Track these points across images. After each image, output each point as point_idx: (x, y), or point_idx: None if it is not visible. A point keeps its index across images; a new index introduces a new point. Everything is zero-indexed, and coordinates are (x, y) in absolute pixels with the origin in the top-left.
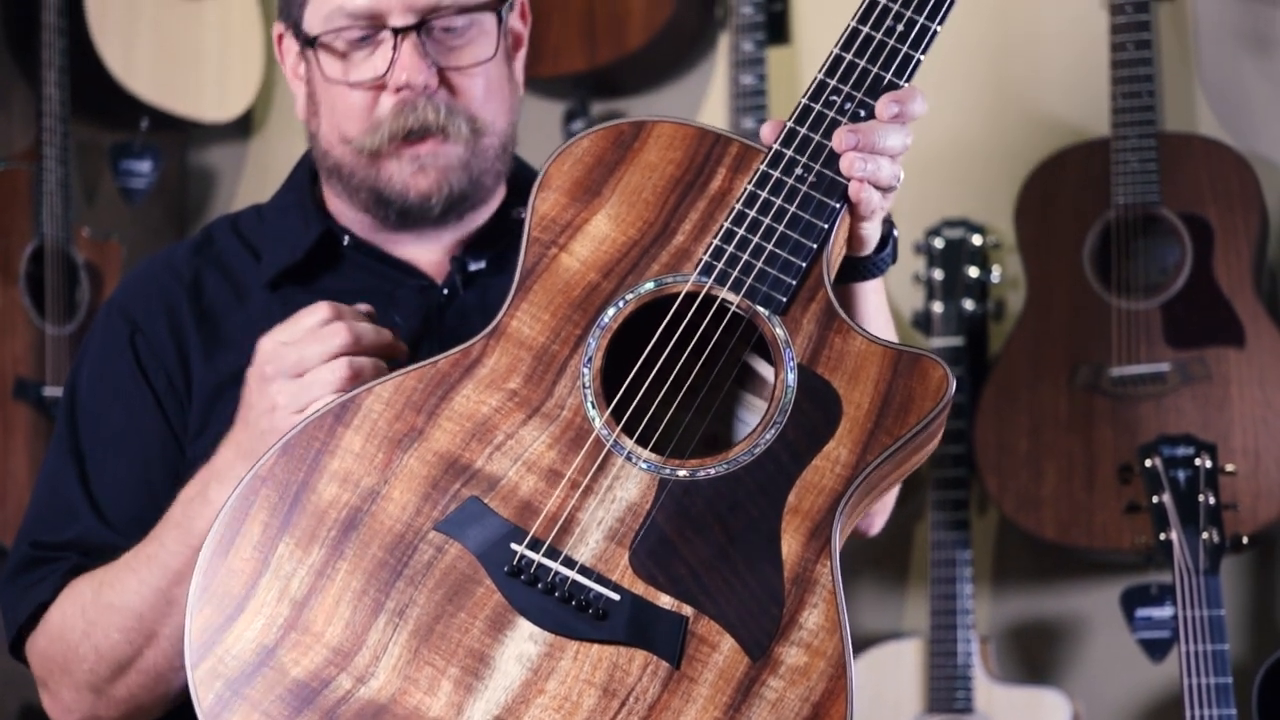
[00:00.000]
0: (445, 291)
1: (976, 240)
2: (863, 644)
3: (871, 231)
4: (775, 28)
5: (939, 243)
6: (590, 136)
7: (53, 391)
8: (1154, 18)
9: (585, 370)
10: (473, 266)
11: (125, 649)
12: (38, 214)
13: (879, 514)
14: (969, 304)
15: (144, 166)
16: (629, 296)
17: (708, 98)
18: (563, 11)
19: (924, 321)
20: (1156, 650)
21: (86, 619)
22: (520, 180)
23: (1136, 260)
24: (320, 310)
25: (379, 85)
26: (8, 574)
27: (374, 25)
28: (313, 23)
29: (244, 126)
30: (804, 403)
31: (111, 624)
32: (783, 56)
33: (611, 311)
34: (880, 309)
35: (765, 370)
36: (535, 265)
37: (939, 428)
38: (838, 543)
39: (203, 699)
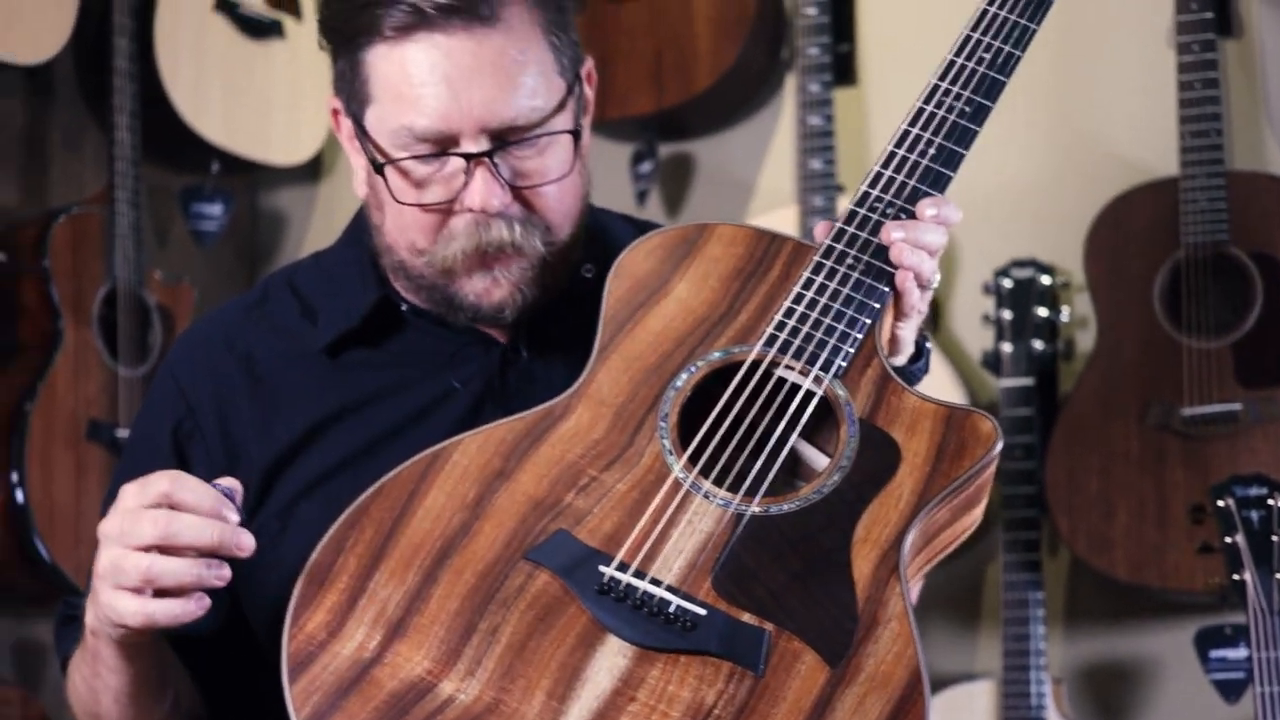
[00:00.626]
0: (508, 352)
1: (1046, 280)
2: (935, 686)
3: (908, 334)
4: (842, 69)
5: (1008, 283)
6: (660, 235)
7: (125, 433)
8: (1221, 56)
9: (662, 424)
10: (540, 331)
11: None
12: (110, 257)
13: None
14: (1038, 344)
15: (215, 209)
16: (700, 363)
17: (775, 138)
18: (630, 54)
19: (993, 362)
20: (1231, 691)
21: (72, 685)
22: (593, 232)
23: (1206, 299)
24: (151, 486)
25: (447, 205)
26: (56, 619)
27: (444, 146)
28: (376, 131)
29: (314, 169)
30: (867, 450)
31: (75, 702)
32: (850, 97)
33: (684, 376)
34: None
35: (816, 457)
36: (612, 339)
37: (988, 480)
38: (905, 569)
39: (299, 711)
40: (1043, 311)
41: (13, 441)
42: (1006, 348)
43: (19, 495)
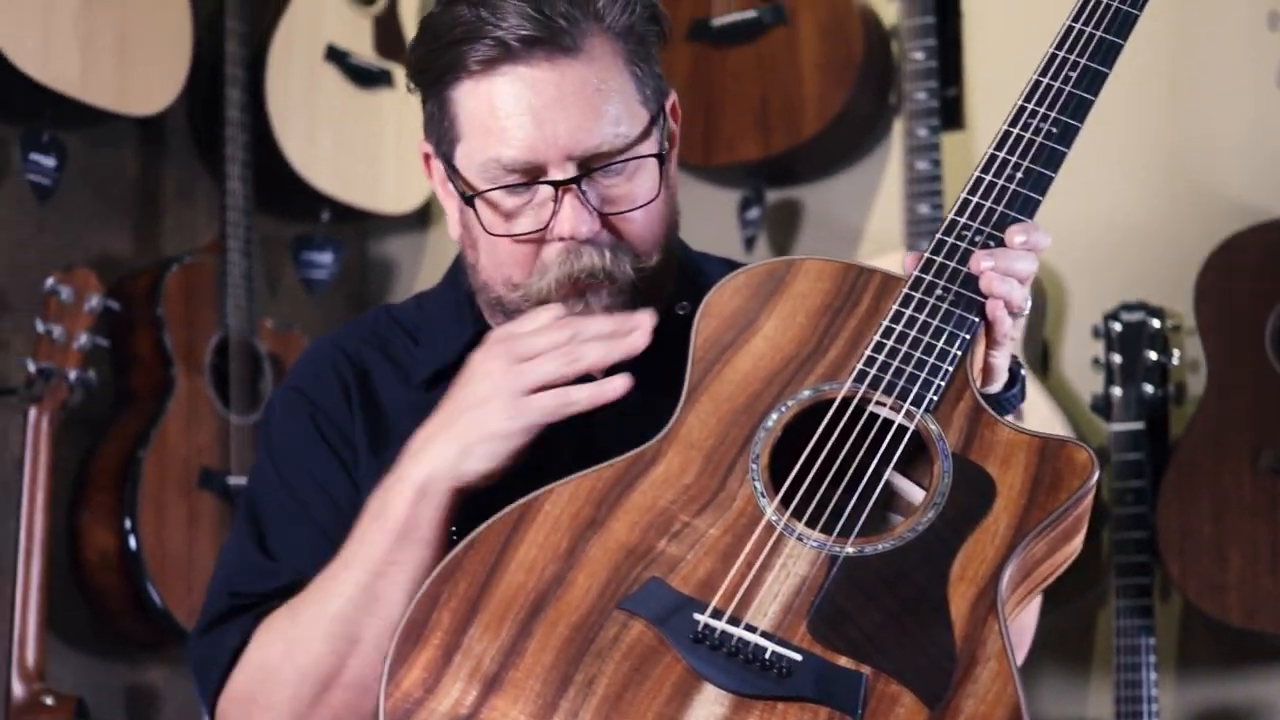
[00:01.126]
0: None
1: (1156, 323)
2: None
3: (1001, 361)
4: (949, 113)
5: (1118, 326)
6: (746, 273)
7: (237, 481)
8: None
9: (754, 465)
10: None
11: (329, 660)
12: (222, 305)
13: (1020, 645)
14: (1149, 388)
15: (325, 258)
16: (790, 402)
17: (882, 183)
18: (737, 100)
19: (1103, 406)
20: None
21: (286, 639)
22: (686, 270)
23: None
24: (549, 310)
25: (538, 234)
26: (201, 627)
27: (532, 176)
28: (465, 166)
29: (422, 217)
30: (961, 485)
31: (314, 635)
32: (957, 142)
33: (775, 416)
34: None
35: (911, 490)
36: (701, 380)
37: (1086, 510)
38: (1003, 606)
39: None
40: (1153, 355)
41: (126, 488)
42: (1116, 392)
43: (132, 542)
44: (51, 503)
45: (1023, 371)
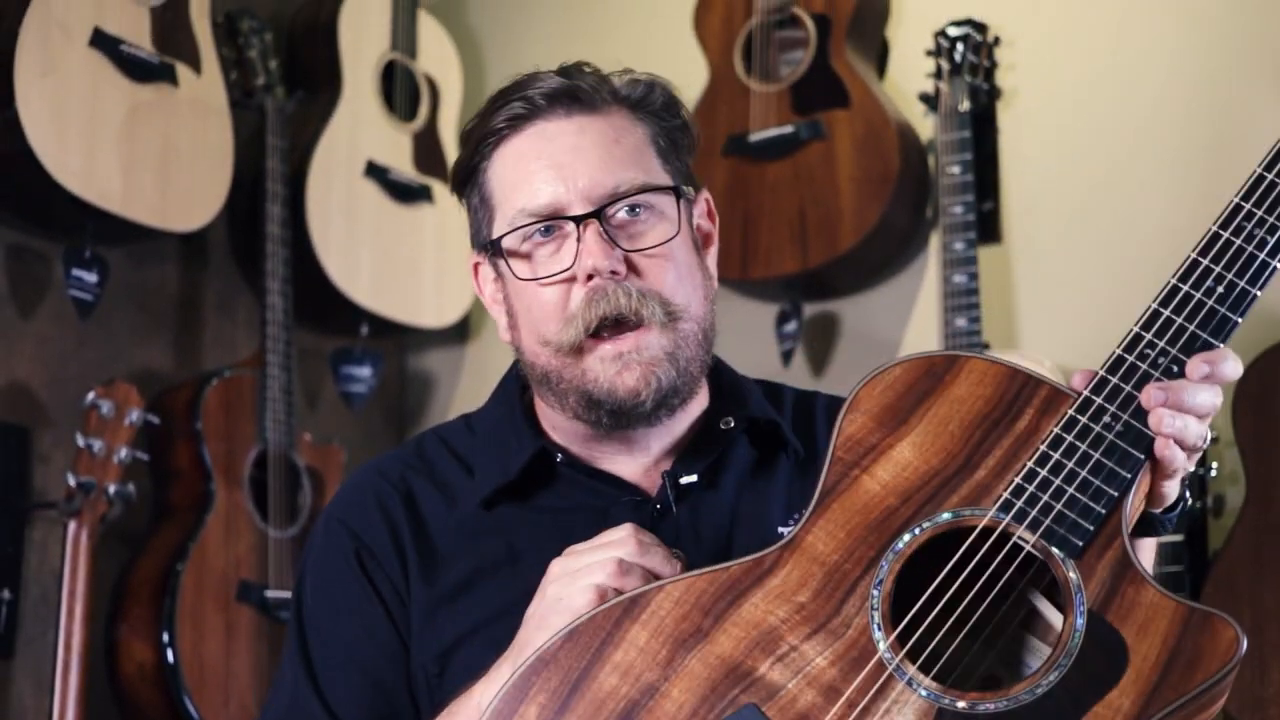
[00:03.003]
0: (658, 507)
1: None
2: None
3: (1171, 490)
4: (986, 227)
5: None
6: (903, 365)
7: (275, 594)
8: None
9: (875, 592)
10: (684, 480)
11: None
12: (261, 419)
13: None
14: (1188, 500)
15: (364, 372)
16: (925, 524)
17: (919, 297)
18: (774, 214)
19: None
20: None
21: None
22: (725, 385)
23: None
24: (620, 529)
25: (569, 279)
26: None
27: (554, 217)
28: (500, 231)
29: (461, 331)
30: (1090, 649)
31: None
32: (994, 255)
33: (907, 538)
34: (1149, 563)
35: (1052, 615)
36: (836, 484)
37: (1226, 688)
38: None
39: None
40: (1191, 468)
41: (164, 601)
42: None
43: (170, 655)
44: (90, 615)
45: (1188, 496)
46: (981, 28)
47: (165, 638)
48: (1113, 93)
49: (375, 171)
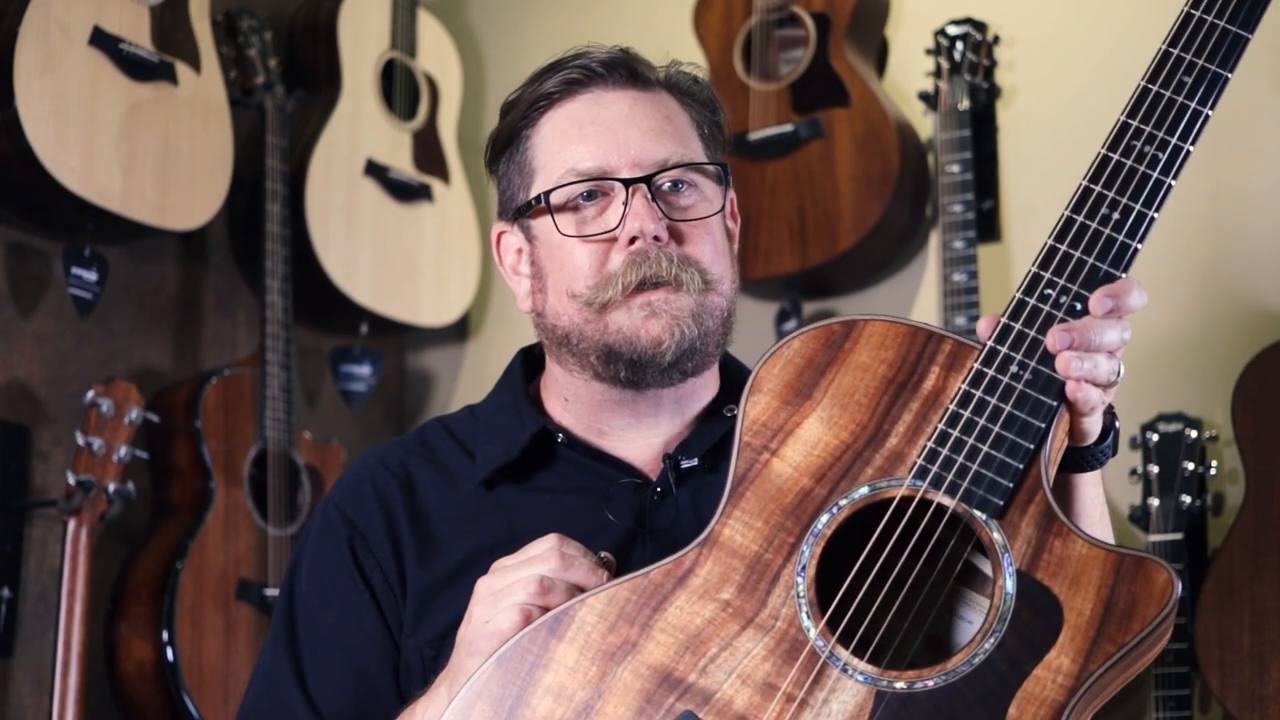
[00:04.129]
0: (659, 490)
1: (1193, 434)
2: None
3: (1092, 425)
4: (985, 225)
5: (1155, 437)
6: (801, 337)
7: (274, 592)
8: None
9: (799, 579)
10: (685, 464)
11: None
12: (261, 418)
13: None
14: (1187, 499)
15: (364, 370)
16: (843, 502)
17: (919, 295)
18: (774, 213)
19: (1141, 517)
20: None
21: None
22: (733, 376)
23: None
24: (543, 541)
25: (610, 239)
26: None
27: (604, 178)
28: (542, 188)
29: (461, 330)
30: (1023, 610)
31: None
32: (993, 254)
33: (825, 518)
34: (1097, 502)
35: (988, 568)
36: (747, 471)
37: (1165, 631)
38: None
39: None
40: (1191, 466)
41: (164, 600)
42: (1154, 503)
43: (169, 653)
44: (89, 614)
45: (1117, 424)
46: (981, 26)
47: (165, 636)
48: (1112, 91)
49: (375, 170)
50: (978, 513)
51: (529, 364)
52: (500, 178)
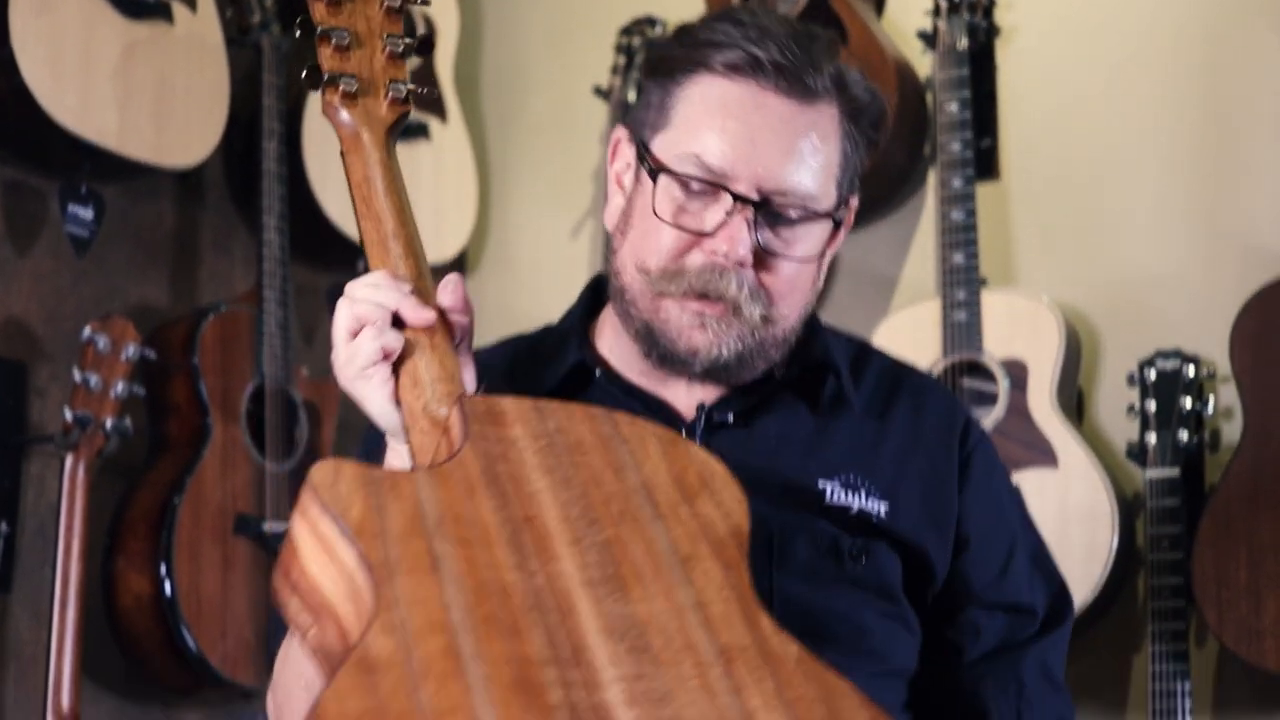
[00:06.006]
0: (689, 430)
1: (1191, 371)
2: None
3: None
4: (984, 164)
5: (1153, 374)
6: None
7: (272, 527)
8: None
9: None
10: (718, 418)
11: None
12: (258, 354)
13: None
14: (1184, 435)
15: None
16: None
17: (917, 233)
18: None
19: (1139, 453)
20: None
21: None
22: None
23: None
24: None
25: (697, 236)
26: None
27: (719, 184)
28: (661, 150)
29: (458, 267)
30: None
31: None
32: (992, 192)
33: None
34: None
35: None
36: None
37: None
38: None
39: None
40: (1188, 402)
41: (161, 535)
42: (1152, 439)
43: (167, 587)
44: (87, 549)
45: None
46: None
47: (162, 570)
48: (1111, 31)
49: None
50: None
51: (599, 290)
52: (644, 90)
